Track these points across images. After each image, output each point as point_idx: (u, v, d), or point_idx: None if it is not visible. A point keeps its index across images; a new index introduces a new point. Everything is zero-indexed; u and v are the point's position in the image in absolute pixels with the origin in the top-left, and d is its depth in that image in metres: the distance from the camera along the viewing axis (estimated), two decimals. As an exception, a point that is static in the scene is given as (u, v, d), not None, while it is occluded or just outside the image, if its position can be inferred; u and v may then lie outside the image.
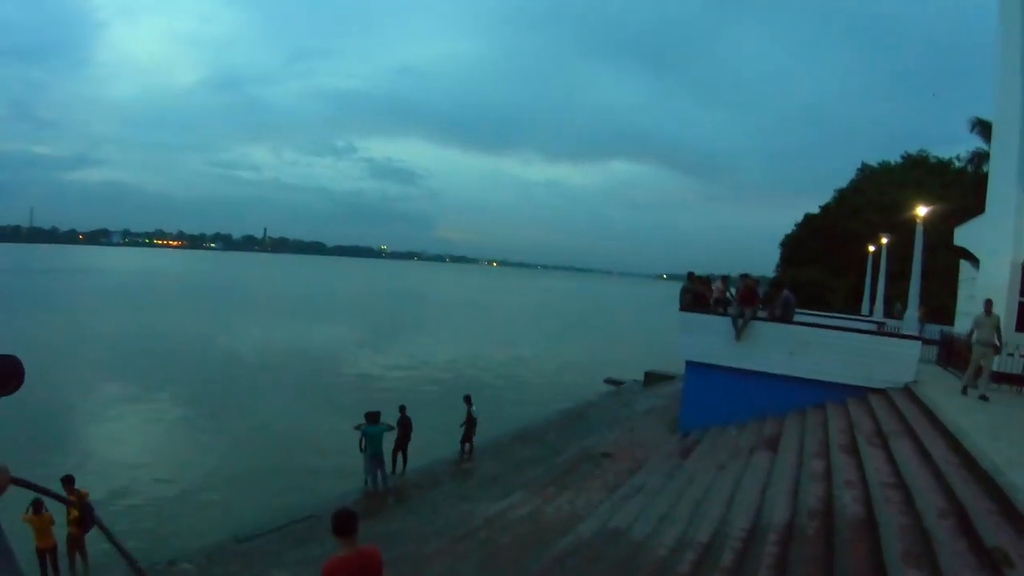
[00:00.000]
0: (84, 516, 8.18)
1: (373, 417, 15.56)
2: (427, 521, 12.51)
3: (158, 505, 14.56)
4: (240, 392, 25.95)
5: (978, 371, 11.94)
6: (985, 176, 19.83)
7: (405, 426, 16.51)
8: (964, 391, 12.06)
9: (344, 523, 4.76)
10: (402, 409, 16.69)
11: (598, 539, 8.95)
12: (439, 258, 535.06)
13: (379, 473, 15.47)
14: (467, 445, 17.89)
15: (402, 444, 16.52)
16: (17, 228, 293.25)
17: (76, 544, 11.25)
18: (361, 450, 15.37)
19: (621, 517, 9.65)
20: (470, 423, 17.90)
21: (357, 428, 15.42)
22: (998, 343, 11.81)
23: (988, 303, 12.09)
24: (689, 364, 16.14)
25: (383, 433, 15.56)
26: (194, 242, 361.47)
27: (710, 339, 15.63)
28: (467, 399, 18.12)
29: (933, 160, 44.96)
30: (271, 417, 22.17)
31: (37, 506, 10.76)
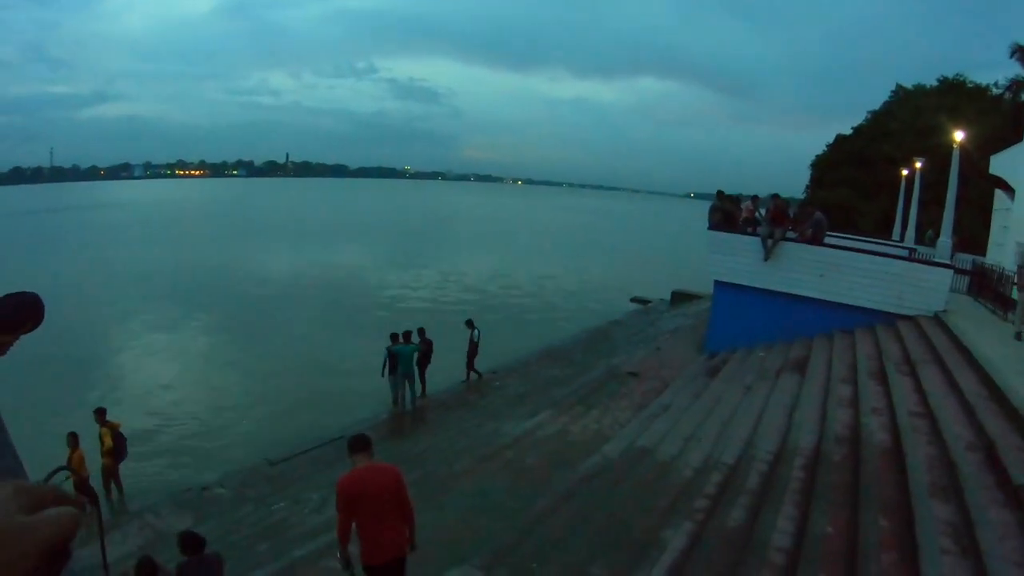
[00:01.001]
0: (118, 447, 8.51)
1: (404, 337, 15.78)
2: (454, 440, 12.75)
3: (191, 432, 15.02)
4: (269, 319, 26.23)
5: None
6: (1024, 104, 19.14)
7: (425, 347, 16.51)
8: (1020, 337, 10.55)
9: (354, 442, 5.26)
10: (421, 332, 16.63)
11: (624, 459, 9.10)
12: (464, 177, 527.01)
13: (409, 392, 15.80)
14: (470, 371, 17.60)
15: (422, 366, 16.42)
16: (39, 169, 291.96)
17: (110, 474, 11.68)
18: (387, 371, 15.60)
19: (647, 437, 9.79)
20: (472, 348, 17.50)
21: (389, 348, 15.63)
22: None
23: None
24: (717, 284, 16.06)
25: (414, 352, 15.79)
26: (216, 170, 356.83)
27: (739, 259, 15.51)
28: (469, 323, 17.75)
29: (970, 85, 42.79)
30: (299, 342, 22.55)
31: (73, 441, 11.10)
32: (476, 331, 17.54)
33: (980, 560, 4.46)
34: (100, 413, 11.64)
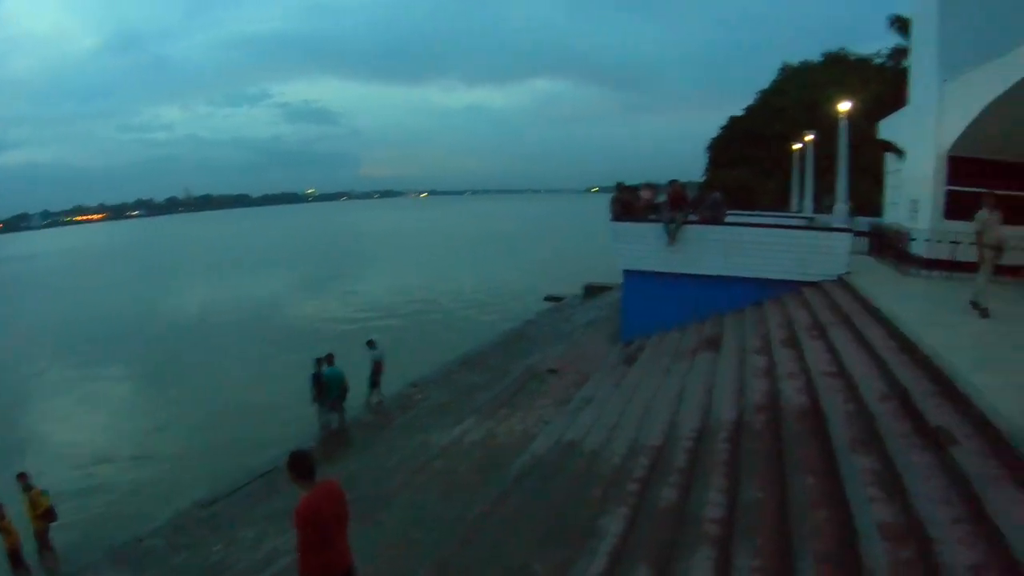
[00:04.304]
0: (49, 510, 8.03)
1: (328, 360, 15.41)
2: (384, 458, 12.51)
3: (118, 484, 14.46)
4: (185, 359, 25.64)
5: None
6: (905, 71, 20.11)
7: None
8: (976, 307, 9.41)
9: (308, 467, 4.96)
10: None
11: (553, 454, 9.08)
12: (367, 195, 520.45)
13: (336, 416, 15.44)
14: (375, 390, 17.01)
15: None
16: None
17: (43, 538, 11.13)
18: (315, 397, 15.20)
19: (573, 431, 9.80)
20: (374, 368, 16.93)
21: (315, 374, 15.21)
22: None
23: (989, 196, 9.75)
24: (626, 273, 16.18)
25: (342, 376, 15.41)
26: (116, 212, 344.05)
27: (644, 246, 15.62)
28: (370, 343, 17.30)
29: (853, 58, 45.00)
30: (218, 379, 22.09)
31: None
32: (377, 350, 17.10)
33: (907, 502, 4.50)
34: (22, 477, 11.08)
